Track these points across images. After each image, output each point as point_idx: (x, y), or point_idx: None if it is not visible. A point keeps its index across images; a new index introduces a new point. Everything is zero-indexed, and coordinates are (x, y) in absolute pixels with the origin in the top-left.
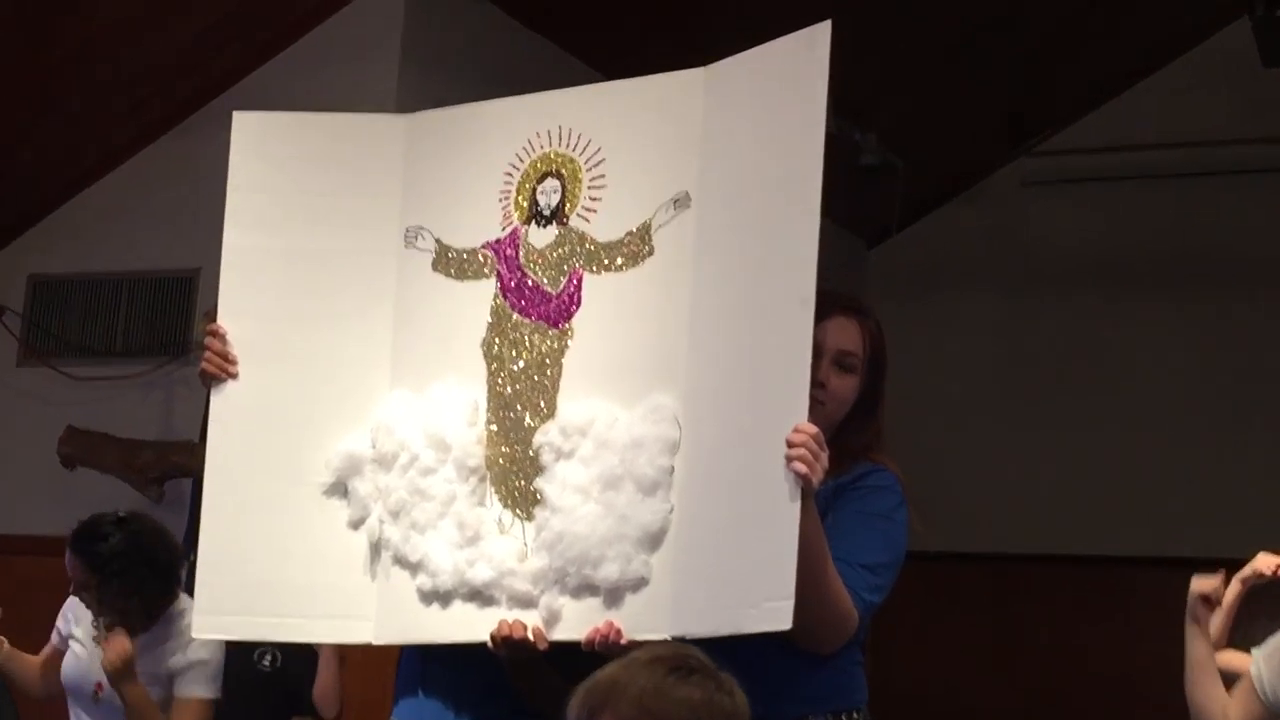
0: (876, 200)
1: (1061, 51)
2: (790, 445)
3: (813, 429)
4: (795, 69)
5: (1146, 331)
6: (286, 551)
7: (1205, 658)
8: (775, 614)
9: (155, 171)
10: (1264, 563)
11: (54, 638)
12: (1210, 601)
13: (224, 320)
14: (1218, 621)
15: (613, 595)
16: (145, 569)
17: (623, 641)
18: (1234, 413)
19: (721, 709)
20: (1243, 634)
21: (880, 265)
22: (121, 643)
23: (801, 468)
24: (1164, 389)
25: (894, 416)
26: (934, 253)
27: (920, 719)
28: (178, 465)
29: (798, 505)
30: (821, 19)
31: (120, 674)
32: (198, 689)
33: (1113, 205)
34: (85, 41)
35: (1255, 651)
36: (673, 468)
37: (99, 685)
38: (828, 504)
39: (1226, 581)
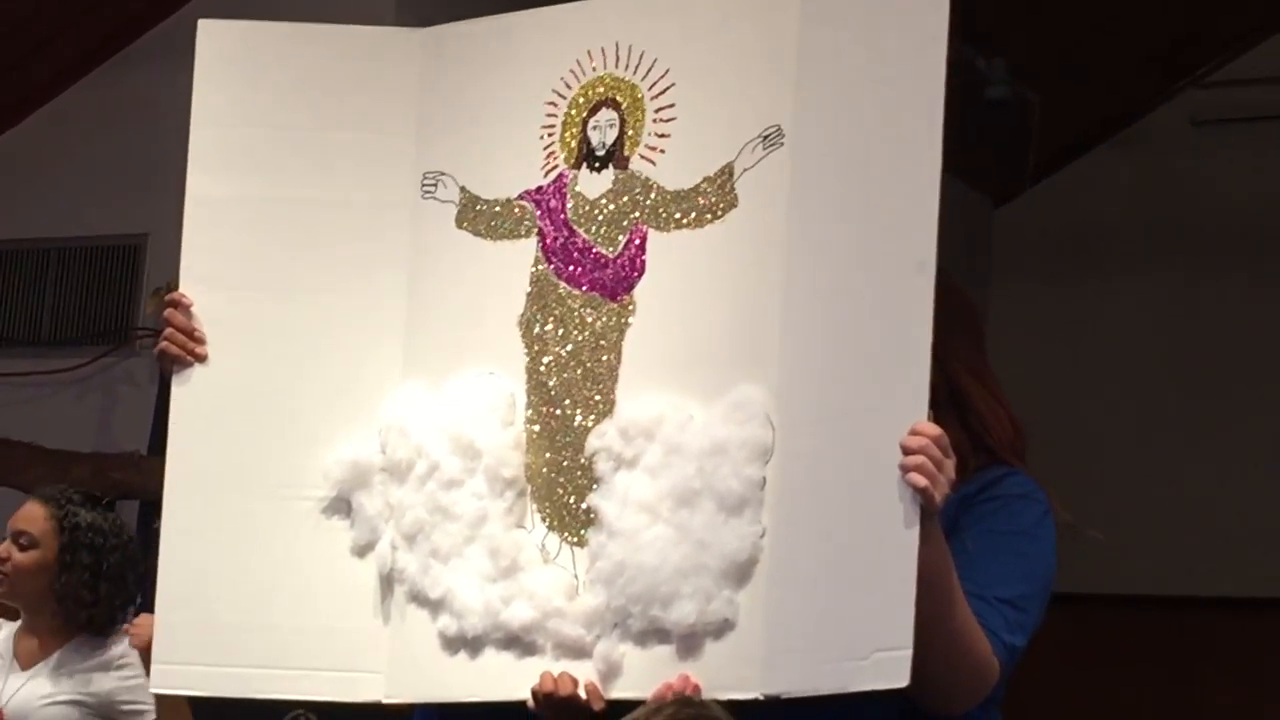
0: (1005, 145)
1: None
2: (906, 451)
3: (935, 430)
4: None
5: None
6: (271, 585)
7: None
8: (888, 668)
9: (91, 112)
10: None
11: None
12: None
13: (188, 288)
14: None
15: (688, 643)
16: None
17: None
18: None
19: None
20: None
21: (1009, 228)
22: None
23: (920, 480)
24: None
25: (1028, 422)
26: (1078, 212)
27: None
28: (119, 483)
29: (916, 530)
30: None
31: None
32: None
33: None
34: None
35: None
36: (764, 480)
37: None
38: (951, 522)
39: None
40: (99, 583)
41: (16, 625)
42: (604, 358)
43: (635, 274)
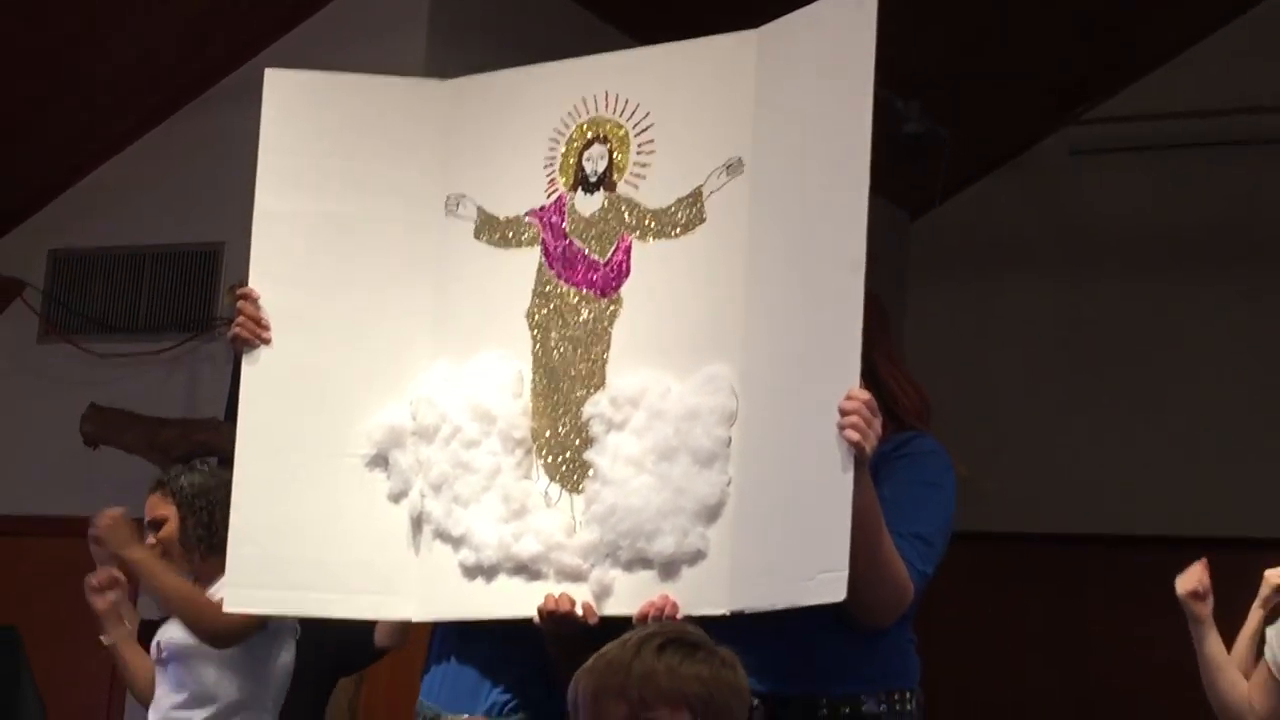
0: (920, 170)
1: (1112, 15)
2: (843, 413)
3: (865, 395)
4: (843, 28)
5: (1204, 307)
6: (323, 525)
7: (1217, 654)
8: (829, 586)
9: (178, 144)
10: (1277, 577)
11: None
12: (1200, 595)
13: (256, 284)
14: (1242, 650)
15: (668, 569)
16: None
17: (679, 616)
18: None
19: (728, 683)
20: None
21: (924, 237)
22: (109, 513)
23: (854, 435)
24: (1225, 365)
25: (938, 393)
26: (979, 224)
27: (968, 707)
28: (202, 444)
29: (851, 475)
30: None
31: (117, 540)
32: None
33: (1166, 175)
34: (99, 13)
35: (1269, 631)
36: (730, 439)
37: (158, 644)
38: (873, 474)
39: (1208, 568)
40: (214, 514)
41: None
42: (596, 342)
43: (622, 276)
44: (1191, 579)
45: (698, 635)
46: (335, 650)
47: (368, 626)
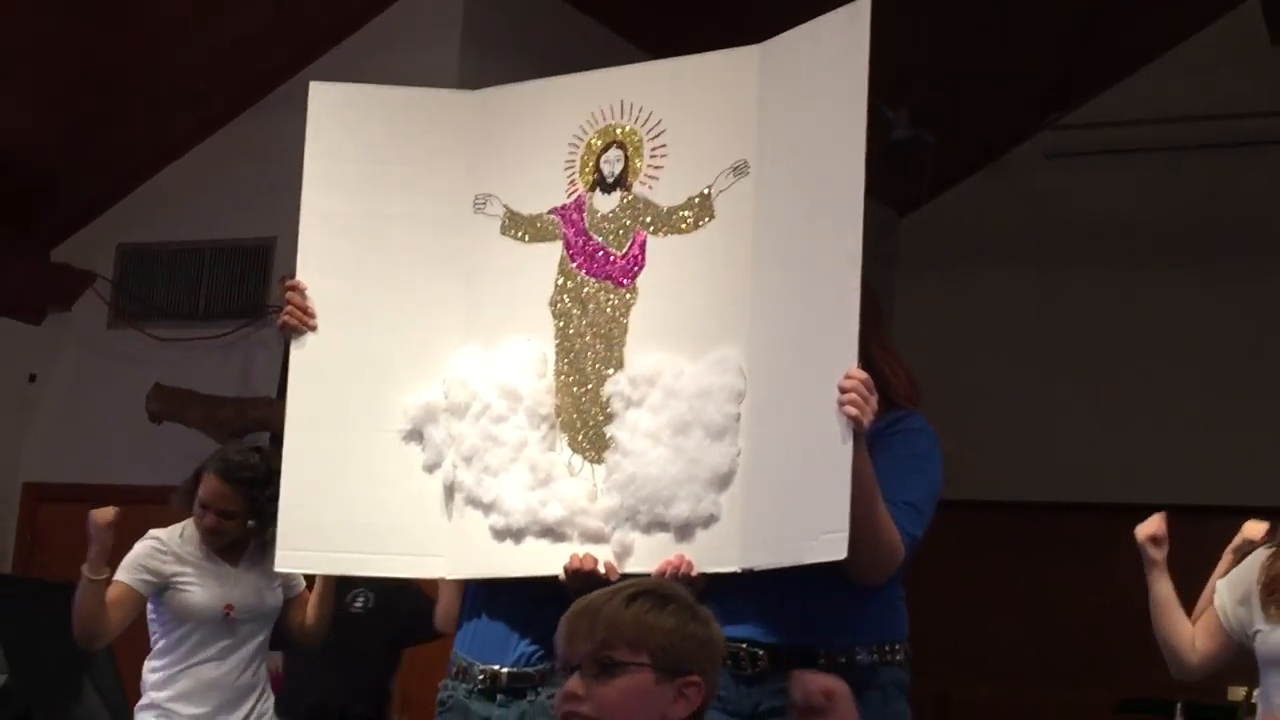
0: (907, 172)
1: (1086, 29)
2: (842, 390)
3: (862, 374)
4: (839, 43)
5: (1166, 296)
6: (365, 492)
7: (1167, 596)
8: (831, 545)
9: (234, 148)
10: (1253, 530)
11: (135, 582)
12: (1157, 541)
13: (303, 276)
14: (1209, 595)
15: (683, 531)
16: None
17: (694, 574)
18: (1254, 373)
19: (694, 637)
20: None
21: (911, 233)
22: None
23: (853, 410)
24: (1185, 350)
25: (925, 376)
26: (962, 221)
27: (951, 663)
28: (256, 419)
29: (850, 445)
30: None
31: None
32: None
33: (1134, 176)
34: (163, 27)
35: (1219, 581)
36: (739, 414)
37: (229, 606)
38: (868, 449)
39: (1165, 520)
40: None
41: (191, 529)
42: (615, 328)
43: (637, 268)
44: (1151, 525)
45: (673, 590)
46: (406, 619)
47: (431, 604)
